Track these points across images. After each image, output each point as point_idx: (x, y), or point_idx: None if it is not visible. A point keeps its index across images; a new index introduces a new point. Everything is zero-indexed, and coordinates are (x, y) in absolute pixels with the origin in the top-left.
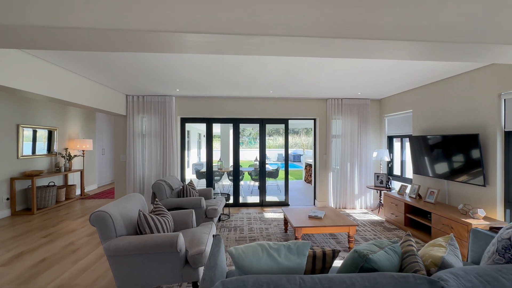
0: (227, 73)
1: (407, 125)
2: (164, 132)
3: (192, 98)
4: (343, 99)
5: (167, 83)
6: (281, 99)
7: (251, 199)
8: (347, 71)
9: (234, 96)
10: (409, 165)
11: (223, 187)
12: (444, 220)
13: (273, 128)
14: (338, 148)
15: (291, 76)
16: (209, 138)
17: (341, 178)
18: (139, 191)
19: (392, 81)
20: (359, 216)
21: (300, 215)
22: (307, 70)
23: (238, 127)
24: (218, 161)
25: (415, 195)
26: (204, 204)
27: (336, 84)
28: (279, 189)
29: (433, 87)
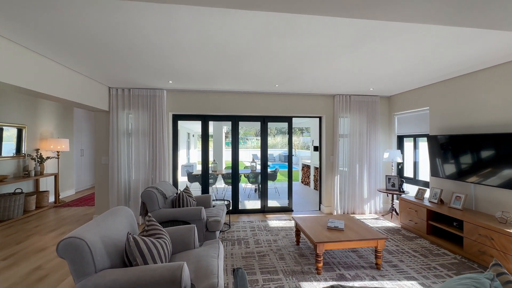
0: (232, 63)
1: (422, 124)
2: (154, 131)
3: (187, 92)
4: (352, 96)
5: (158, 73)
6: (284, 95)
7: (249, 204)
8: (362, 63)
9: (234, 91)
10: (424, 167)
11: (217, 190)
12: (482, 230)
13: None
14: (346, 148)
15: (301, 67)
16: (205, 138)
17: (349, 181)
18: (124, 199)
19: (410, 75)
20: (371, 222)
21: (315, 225)
22: (319, 61)
23: (237, 125)
24: (212, 163)
25: (437, 200)
26: (204, 215)
27: (347, 77)
28: (277, 192)
29: (456, 82)
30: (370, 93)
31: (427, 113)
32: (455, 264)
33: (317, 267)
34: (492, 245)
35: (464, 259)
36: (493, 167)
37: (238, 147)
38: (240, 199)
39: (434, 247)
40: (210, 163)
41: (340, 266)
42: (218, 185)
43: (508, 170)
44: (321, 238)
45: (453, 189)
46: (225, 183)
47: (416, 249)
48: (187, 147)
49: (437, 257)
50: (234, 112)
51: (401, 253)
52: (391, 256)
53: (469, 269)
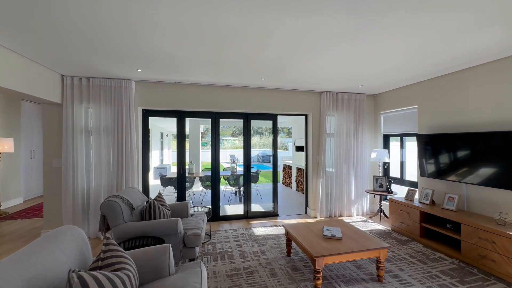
0: (214, 46)
1: (409, 123)
2: (120, 128)
3: (160, 85)
4: (339, 93)
5: (124, 58)
6: (270, 91)
7: (231, 209)
8: (354, 55)
9: (215, 84)
10: (411, 167)
11: (194, 195)
12: (482, 233)
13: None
14: (333, 148)
15: (291, 58)
16: (181, 136)
17: (336, 182)
18: (82, 211)
19: (401, 71)
20: (360, 225)
21: (309, 234)
22: (311, 51)
23: (218, 123)
24: (189, 164)
25: (429, 201)
26: (181, 229)
27: (338, 71)
28: (259, 195)
29: (446, 80)
30: (357, 90)
31: (414, 111)
32: (456, 270)
33: (315, 285)
34: (493, 249)
35: (462, 264)
36: (485, 167)
37: (218, 146)
38: (220, 204)
39: (429, 251)
40: (186, 164)
41: (340, 281)
42: (195, 189)
43: (500, 170)
44: (319, 251)
45: (444, 190)
46: (203, 187)
47: (413, 255)
48: (160, 147)
49: (435, 263)
50: (215, 108)
51: (399, 260)
52: (390, 264)
53: (470, 275)
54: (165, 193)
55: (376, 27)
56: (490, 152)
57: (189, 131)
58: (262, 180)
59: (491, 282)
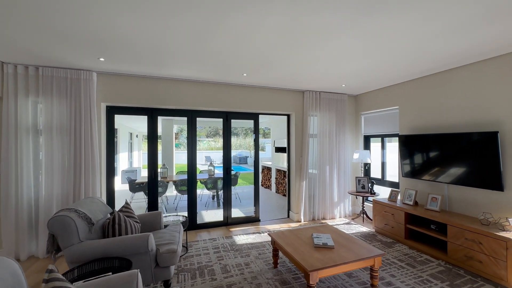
0: (198, 32)
1: (390, 124)
2: (78, 127)
3: (127, 78)
4: (321, 93)
5: (82, 42)
6: (251, 89)
7: (209, 216)
8: (341, 53)
9: (192, 79)
10: (392, 168)
11: (168, 200)
12: (469, 234)
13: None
14: (315, 149)
15: (277, 52)
16: (152, 137)
17: (319, 184)
18: (28, 226)
19: (385, 71)
20: (344, 228)
21: (299, 243)
22: (297, 47)
23: (194, 122)
24: (162, 167)
25: (412, 202)
26: (153, 245)
27: (323, 70)
28: (238, 198)
29: (428, 81)
30: (340, 90)
31: (396, 112)
32: (444, 273)
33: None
34: (480, 249)
35: (449, 265)
36: (465, 167)
37: (195, 148)
38: (197, 210)
39: (415, 253)
40: (159, 167)
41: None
42: (169, 193)
43: (479, 170)
44: (313, 263)
45: (426, 190)
46: (177, 192)
47: (400, 258)
48: (129, 149)
49: (423, 266)
50: (191, 106)
51: (389, 265)
52: (380, 269)
53: (458, 277)
54: (135, 200)
55: (365, 24)
56: (470, 153)
57: (162, 131)
58: (240, 183)
59: (479, 284)
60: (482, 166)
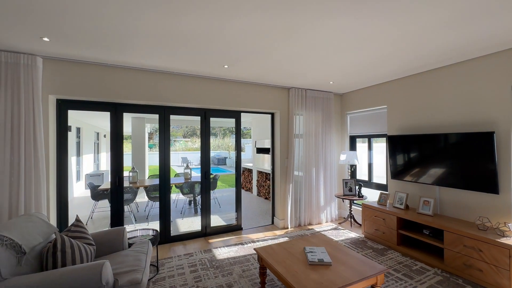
0: (163, 6)
1: (377, 124)
2: (16, 123)
3: (84, 65)
4: (307, 90)
5: (16, 12)
6: (233, 84)
7: (185, 225)
8: (332, 43)
9: (165, 70)
10: (379, 169)
11: (139, 208)
12: (468, 241)
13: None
14: (301, 150)
15: (263, 37)
16: (117, 136)
17: (305, 187)
18: None
19: (376, 67)
20: (332, 234)
21: (290, 259)
22: (285, 33)
23: (168, 120)
24: (131, 171)
25: (403, 206)
26: (108, 278)
27: (312, 63)
28: (217, 203)
29: (418, 79)
30: (327, 88)
31: (383, 112)
32: (443, 283)
33: None
34: (480, 257)
35: (446, 274)
36: (457, 168)
37: (169, 149)
38: (171, 218)
39: (410, 261)
40: (128, 170)
41: None
42: (141, 199)
43: (472, 171)
44: (310, 286)
45: (417, 193)
46: (149, 198)
47: (396, 268)
48: (95, 150)
49: (420, 276)
50: (164, 101)
51: (385, 276)
52: None
53: (458, 287)
54: (99, 209)
55: (359, 11)
56: (464, 154)
57: (132, 131)
58: (219, 185)
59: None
60: (477, 168)
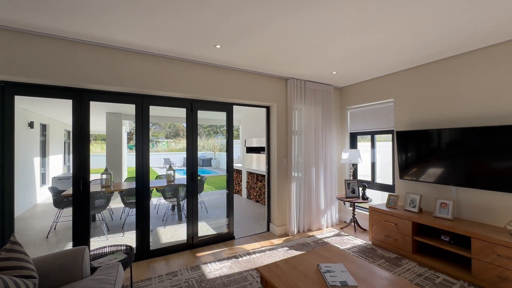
0: None
1: (383, 119)
2: None
3: (35, 38)
4: (306, 82)
5: None
6: (225, 71)
7: (167, 234)
8: (338, 22)
9: (142, 50)
10: (385, 169)
11: (113, 214)
12: (501, 250)
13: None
14: (302, 148)
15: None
16: (81, 132)
17: (305, 189)
18: None
19: (386, 55)
20: (335, 241)
21: (303, 281)
22: (287, 10)
23: (147, 111)
24: (104, 173)
25: (417, 209)
26: None
27: (314, 45)
28: (204, 208)
29: (430, 69)
30: (327, 80)
31: (389, 106)
32: None
33: None
34: None
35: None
36: (480, 166)
37: (147, 146)
38: (151, 227)
39: (429, 273)
40: (101, 171)
41: None
42: (117, 205)
43: (499, 169)
44: None
45: (431, 194)
46: (124, 205)
47: (416, 281)
48: (66, 150)
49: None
50: (141, 89)
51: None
52: None
53: None
54: (65, 218)
55: None
56: (485, 150)
57: (108, 127)
58: (205, 187)
59: None
60: (503, 166)
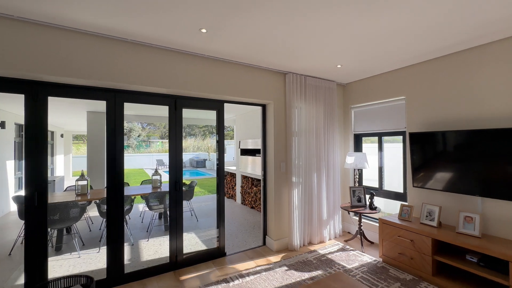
0: None
1: (391, 119)
2: None
3: None
4: (307, 77)
5: None
6: (213, 62)
7: (150, 250)
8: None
9: (114, 36)
10: (392, 174)
11: (92, 223)
12: None
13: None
14: (301, 151)
15: None
16: (37, 134)
17: (305, 198)
18: None
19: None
20: (340, 257)
21: None
22: None
23: (121, 109)
24: (80, 179)
25: (436, 223)
26: None
27: (318, 31)
28: (194, 215)
29: (449, 61)
30: (330, 76)
31: (399, 104)
32: None
33: None
34: None
35: None
36: None
37: (121, 147)
38: (132, 241)
39: None
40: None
41: None
42: (96, 213)
43: None
44: None
45: (451, 205)
46: (101, 215)
47: None
48: (51, 152)
49: None
50: (113, 81)
51: None
52: None
53: None
54: None
55: None
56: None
57: (88, 128)
58: (197, 191)
59: None
60: None
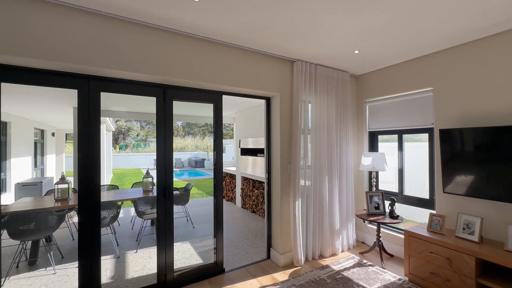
0: None
1: (414, 114)
2: None
3: None
4: (317, 66)
5: None
6: (208, 45)
7: (138, 262)
8: None
9: (84, 7)
10: (415, 178)
11: (74, 233)
12: None
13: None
14: (309, 151)
15: None
16: None
17: (315, 204)
18: None
19: (428, 26)
20: (357, 274)
21: None
22: None
23: (96, 100)
24: (59, 183)
25: (477, 238)
26: None
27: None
28: (190, 221)
29: (492, 43)
30: (343, 65)
31: (426, 97)
32: None
33: None
34: None
35: None
36: None
37: (97, 145)
38: (117, 252)
39: None
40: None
41: None
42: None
43: None
44: None
45: (494, 216)
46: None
47: None
48: (36, 152)
49: None
50: (88, 65)
51: None
52: None
53: None
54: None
55: None
56: None
57: (75, 125)
58: (194, 193)
59: None
60: None
